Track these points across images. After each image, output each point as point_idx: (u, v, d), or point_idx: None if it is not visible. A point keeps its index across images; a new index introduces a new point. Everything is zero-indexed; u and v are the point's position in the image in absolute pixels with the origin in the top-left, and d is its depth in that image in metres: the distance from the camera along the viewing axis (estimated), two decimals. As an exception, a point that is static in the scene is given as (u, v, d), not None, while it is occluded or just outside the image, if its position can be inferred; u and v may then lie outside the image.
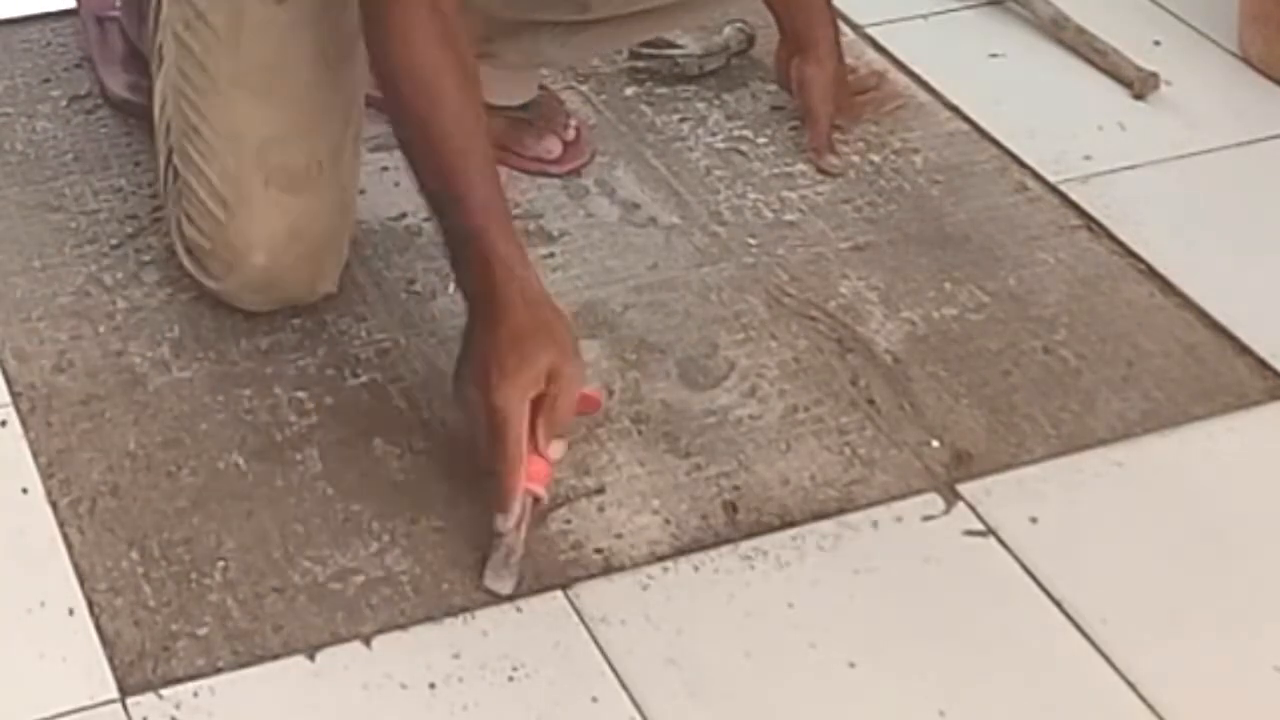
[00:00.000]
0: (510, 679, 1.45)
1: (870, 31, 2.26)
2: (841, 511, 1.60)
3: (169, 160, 1.78)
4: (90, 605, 1.49)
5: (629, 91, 2.14)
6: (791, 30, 2.03)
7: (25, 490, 1.60)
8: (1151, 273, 1.88)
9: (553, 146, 1.99)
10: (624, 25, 1.90)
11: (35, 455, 1.63)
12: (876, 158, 2.04)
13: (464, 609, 1.50)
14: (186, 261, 1.77)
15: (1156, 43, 2.26)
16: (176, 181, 1.77)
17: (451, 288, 1.83)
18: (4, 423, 1.66)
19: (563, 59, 2.04)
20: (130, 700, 1.42)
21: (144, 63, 2.01)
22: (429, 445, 1.65)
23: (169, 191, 1.80)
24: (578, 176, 2.00)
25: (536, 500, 1.53)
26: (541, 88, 2.05)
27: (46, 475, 1.61)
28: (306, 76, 1.70)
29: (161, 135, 1.80)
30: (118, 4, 2.08)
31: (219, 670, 1.45)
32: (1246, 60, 2.23)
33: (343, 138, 1.74)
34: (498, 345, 1.52)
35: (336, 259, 1.77)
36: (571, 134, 2.01)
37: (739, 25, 2.19)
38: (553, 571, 1.54)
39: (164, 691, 1.43)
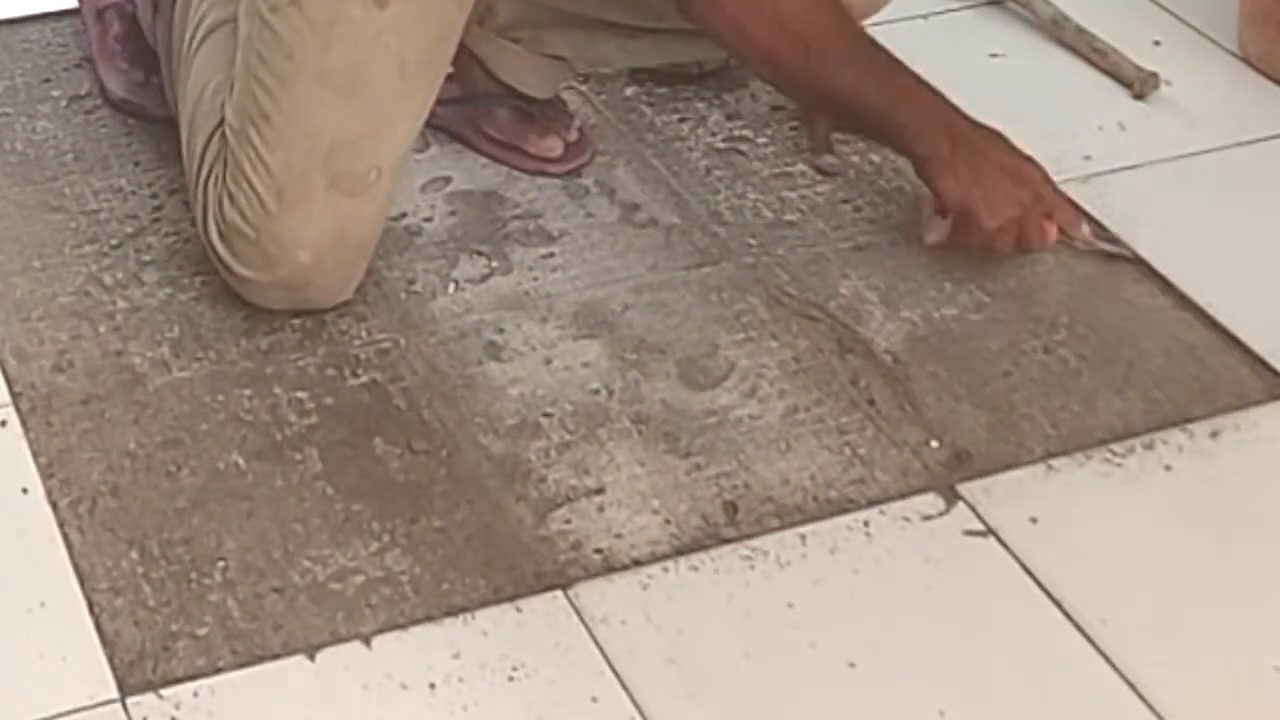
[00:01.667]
0: (510, 679, 1.45)
1: (870, 31, 2.25)
2: (841, 511, 1.60)
3: (210, 138, 1.75)
4: (90, 605, 1.49)
5: (629, 91, 2.14)
6: None
7: (25, 490, 1.60)
8: (1151, 273, 1.88)
9: (555, 146, 1.99)
10: (691, 39, 1.89)
11: (35, 455, 1.63)
12: (876, 158, 2.04)
13: (464, 609, 1.50)
14: (219, 246, 1.74)
15: (1156, 43, 2.26)
16: (218, 159, 1.73)
17: (451, 288, 1.83)
18: (4, 423, 1.66)
19: (617, 61, 2.03)
20: (130, 700, 1.42)
21: (145, 60, 2.02)
22: (429, 445, 1.65)
23: (202, 174, 1.76)
24: (578, 176, 2.00)
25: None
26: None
27: (46, 475, 1.61)
28: (388, 83, 1.68)
29: (195, 116, 1.77)
30: None
31: (219, 670, 1.45)
32: (1246, 60, 2.23)
33: (406, 148, 1.74)
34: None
35: (363, 267, 1.78)
36: (574, 135, 2.01)
37: (739, 25, 2.19)
38: (553, 571, 1.54)
39: (164, 691, 1.43)
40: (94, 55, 2.09)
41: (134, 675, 1.44)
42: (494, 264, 1.87)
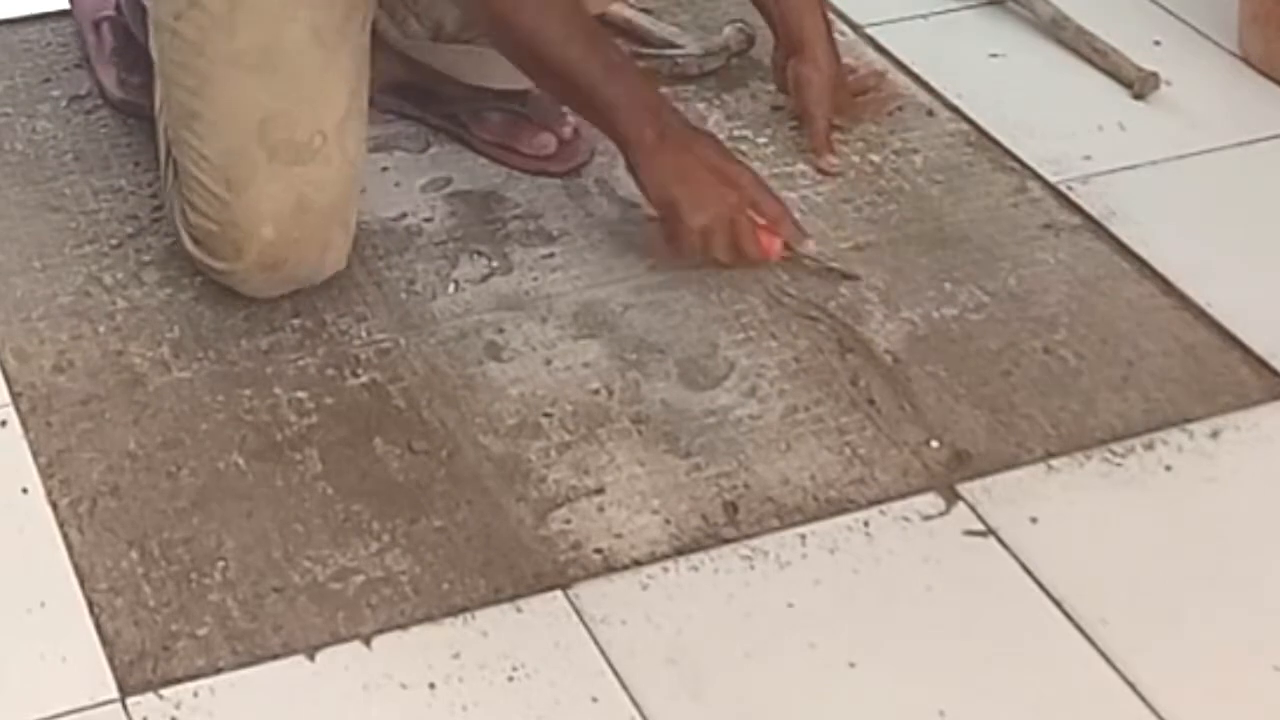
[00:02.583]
0: (510, 679, 1.45)
1: (870, 31, 2.26)
2: (841, 511, 1.60)
3: (169, 154, 1.78)
4: (90, 605, 1.49)
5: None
6: (785, 32, 2.03)
7: (25, 490, 1.60)
8: (1151, 273, 1.88)
9: (547, 142, 1.99)
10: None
11: (35, 455, 1.63)
12: (876, 158, 2.04)
13: (464, 609, 1.50)
14: (195, 250, 1.77)
15: (1156, 43, 2.26)
16: (177, 175, 1.77)
17: (451, 288, 1.83)
18: (4, 423, 1.66)
19: None
20: (130, 700, 1.42)
21: (143, 66, 2.02)
22: (429, 445, 1.65)
23: (170, 187, 1.80)
24: (578, 176, 2.00)
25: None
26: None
27: (46, 475, 1.61)
28: (304, 55, 1.71)
29: (161, 132, 1.80)
30: (113, 4, 2.08)
31: (219, 670, 1.45)
32: (1246, 60, 2.23)
33: (347, 110, 1.74)
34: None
35: (344, 232, 1.78)
36: (568, 132, 2.01)
37: (739, 25, 2.19)
38: (553, 571, 1.54)
39: (164, 691, 1.43)
40: (91, 59, 2.09)
41: (134, 675, 1.44)
42: (494, 264, 1.87)
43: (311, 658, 1.46)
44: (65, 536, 1.55)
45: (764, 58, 2.19)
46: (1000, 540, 1.58)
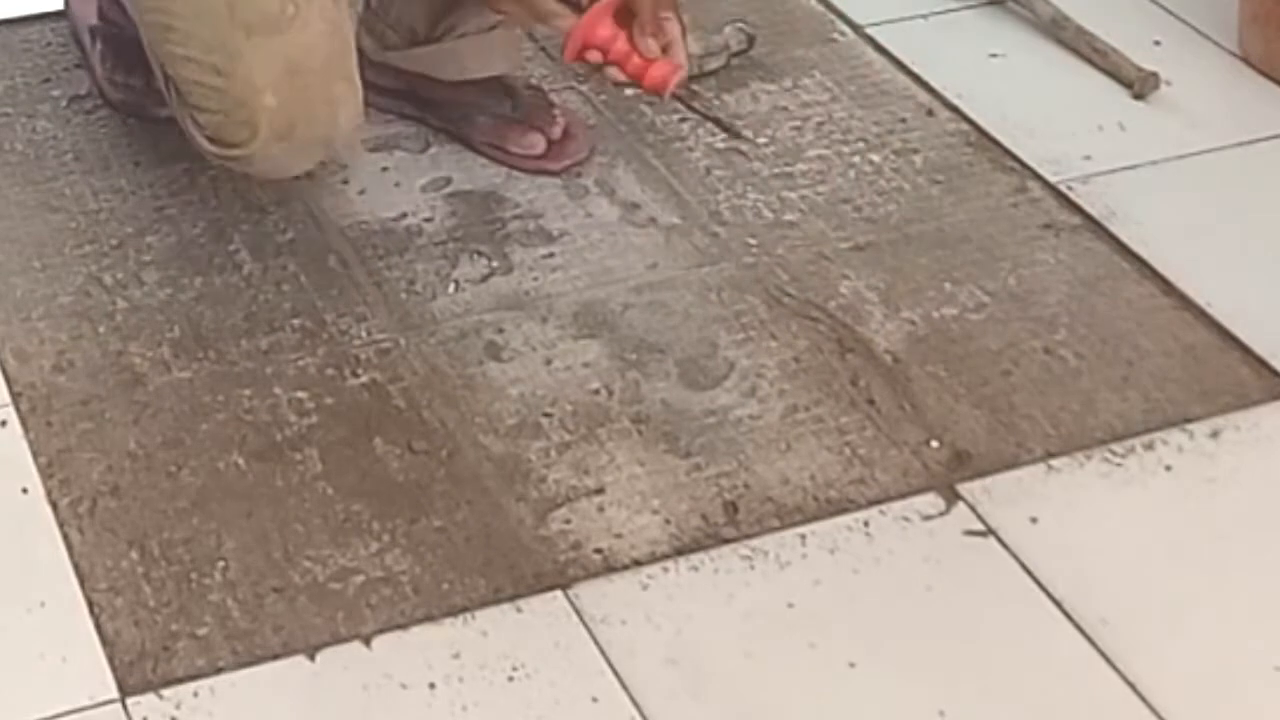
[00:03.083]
0: (510, 679, 1.45)
1: (870, 31, 2.26)
2: (841, 511, 1.60)
3: (168, 80, 1.77)
4: (90, 605, 1.49)
5: (629, 91, 2.14)
6: None
7: (25, 490, 1.60)
8: (1151, 273, 1.88)
9: (535, 142, 1.99)
10: None
11: (35, 455, 1.63)
12: (876, 158, 2.04)
13: (464, 609, 1.50)
14: (215, 150, 1.75)
15: (1156, 43, 2.26)
16: (179, 92, 1.76)
17: (451, 288, 1.83)
18: (4, 423, 1.66)
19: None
20: (130, 700, 1.42)
21: (140, 68, 2.02)
22: (429, 445, 1.65)
23: (178, 111, 1.78)
24: (578, 176, 2.00)
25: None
26: (531, 87, 2.05)
27: (46, 475, 1.61)
28: None
29: (158, 68, 1.80)
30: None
31: (219, 670, 1.45)
32: (1246, 60, 2.23)
33: None
34: None
35: (349, 86, 1.76)
36: (558, 131, 2.01)
37: (739, 25, 2.19)
38: (553, 571, 1.54)
39: (164, 691, 1.43)
40: (91, 63, 2.09)
41: (134, 675, 1.44)
42: (494, 264, 1.87)
43: (311, 658, 1.46)
44: (65, 536, 1.55)
45: (764, 58, 2.19)
46: (1000, 540, 1.58)
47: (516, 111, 2.00)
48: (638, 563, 1.55)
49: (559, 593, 1.52)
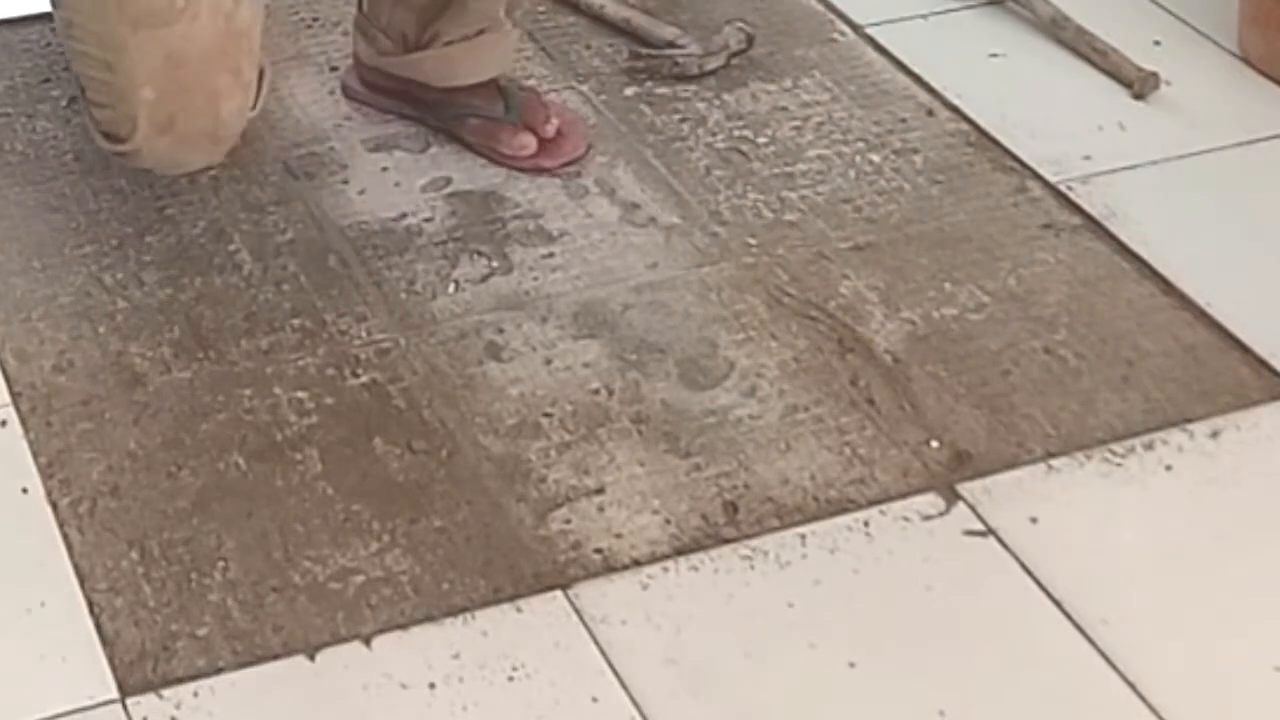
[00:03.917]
0: (510, 679, 1.45)
1: (870, 31, 2.26)
2: (841, 511, 1.60)
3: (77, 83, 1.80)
4: (90, 605, 1.49)
5: (629, 91, 2.14)
6: None
7: (25, 490, 1.60)
8: (1151, 273, 1.88)
9: (526, 143, 1.99)
10: None
11: (35, 455, 1.63)
12: (876, 158, 2.04)
13: (464, 609, 1.50)
14: (106, 145, 1.78)
15: (1156, 43, 2.26)
16: (81, 94, 1.78)
17: (451, 288, 1.83)
18: (4, 423, 1.66)
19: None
20: (130, 700, 1.42)
21: None
22: (429, 445, 1.65)
23: (82, 107, 1.81)
24: (578, 176, 2.00)
25: None
26: (525, 88, 2.05)
27: (46, 475, 1.61)
28: None
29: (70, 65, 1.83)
30: None
31: (219, 670, 1.45)
32: (1246, 60, 2.23)
33: None
34: None
35: (234, 78, 1.75)
36: (551, 130, 2.01)
37: (739, 25, 2.19)
38: (553, 571, 1.54)
39: (164, 691, 1.43)
40: None
41: (134, 675, 1.44)
42: (494, 264, 1.87)
43: (311, 658, 1.46)
44: (65, 536, 1.55)
45: (764, 58, 2.19)
46: (1000, 540, 1.58)
47: (509, 113, 2.00)
48: (638, 563, 1.55)
49: (559, 593, 1.52)
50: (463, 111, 2.01)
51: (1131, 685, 1.45)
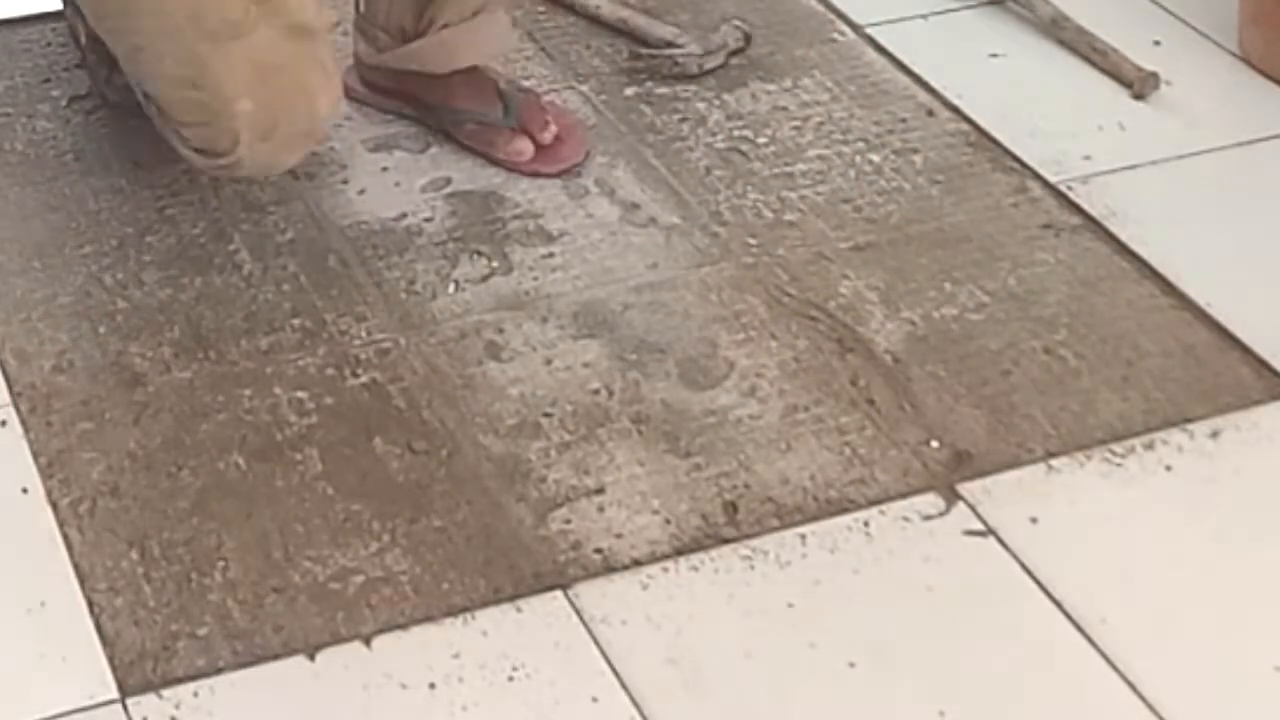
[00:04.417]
0: (510, 679, 1.45)
1: (870, 31, 2.26)
2: (841, 511, 1.60)
3: (149, 101, 1.79)
4: (90, 605, 1.49)
5: (629, 91, 2.14)
6: None
7: (25, 490, 1.60)
8: (1151, 273, 1.88)
9: (523, 149, 1.99)
10: None
11: (35, 455, 1.63)
12: (876, 158, 2.04)
13: (464, 609, 1.50)
14: (204, 162, 1.77)
15: (1156, 43, 2.26)
16: (160, 110, 1.77)
17: (451, 288, 1.83)
18: (4, 423, 1.66)
19: None
20: (130, 700, 1.42)
21: None
22: (429, 445, 1.65)
23: (163, 128, 1.80)
24: (578, 176, 2.00)
25: None
26: (524, 90, 2.05)
27: (46, 475, 1.61)
28: None
29: (137, 89, 1.81)
30: None
31: (219, 670, 1.45)
32: (1246, 60, 2.23)
33: None
34: None
35: (324, 75, 1.76)
36: (549, 136, 2.00)
37: (736, 23, 2.19)
38: (553, 571, 1.54)
39: (164, 691, 1.43)
40: (89, 66, 2.09)
41: (134, 675, 1.44)
42: (494, 264, 1.87)
43: (311, 658, 1.46)
44: (65, 536, 1.55)
45: (763, 58, 2.19)
46: (1000, 540, 1.58)
47: (507, 117, 2.00)
48: (638, 563, 1.55)
49: (559, 593, 1.52)
50: (461, 117, 2.01)
51: (1131, 685, 1.45)
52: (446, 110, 2.02)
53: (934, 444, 1.67)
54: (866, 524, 1.59)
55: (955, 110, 2.12)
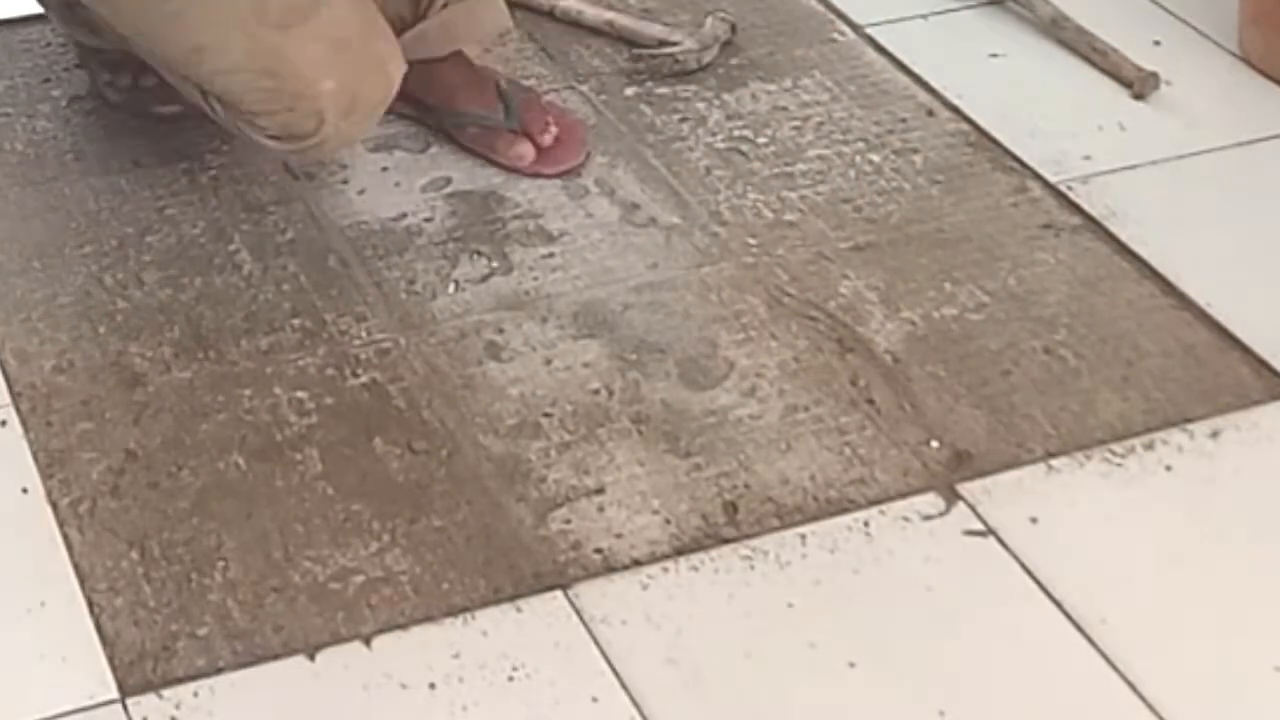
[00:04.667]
0: (510, 679, 1.45)
1: (870, 31, 2.26)
2: (841, 511, 1.60)
3: (207, 99, 1.79)
4: (90, 605, 1.49)
5: (629, 91, 2.14)
6: None
7: (25, 490, 1.60)
8: (1151, 273, 1.88)
9: (524, 153, 1.99)
10: None
11: (35, 455, 1.63)
12: (876, 158, 2.04)
13: (464, 609, 1.50)
14: (287, 147, 1.79)
15: (1156, 43, 2.26)
16: (226, 106, 1.78)
17: (451, 288, 1.83)
18: (4, 423, 1.66)
19: None
20: (130, 700, 1.42)
21: (131, 65, 2.02)
22: (429, 445, 1.65)
23: (227, 123, 1.81)
24: (578, 176, 2.00)
25: None
26: (526, 90, 2.05)
27: (46, 475, 1.61)
28: None
29: (191, 91, 1.81)
30: None
31: (219, 670, 1.45)
32: (1246, 60, 2.23)
33: None
34: None
35: (388, 41, 1.80)
36: (549, 139, 2.00)
37: (720, 15, 2.20)
38: (553, 571, 1.54)
39: (164, 691, 1.43)
40: (89, 66, 2.09)
41: (134, 675, 1.44)
42: (494, 264, 1.87)
43: (311, 658, 1.46)
44: (65, 536, 1.55)
45: (764, 58, 2.19)
46: (1000, 540, 1.58)
47: (509, 119, 2.00)
48: (638, 563, 1.55)
49: (559, 593, 1.52)
50: (462, 120, 2.01)
51: (1131, 685, 1.45)
52: (447, 112, 2.02)
53: (934, 444, 1.67)
54: (866, 524, 1.59)
55: (955, 110, 2.12)
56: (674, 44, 2.17)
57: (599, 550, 1.56)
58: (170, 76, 1.84)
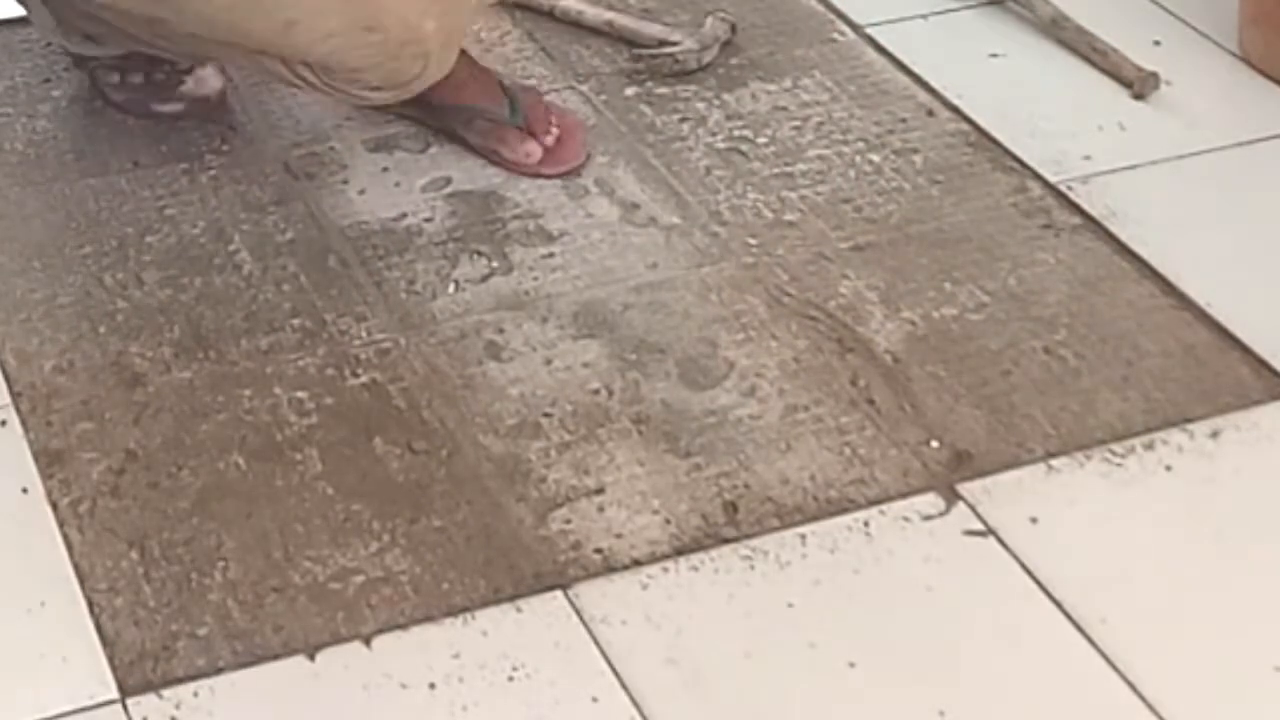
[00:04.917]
0: (510, 679, 1.45)
1: (870, 31, 2.26)
2: (841, 511, 1.60)
3: (300, 76, 1.82)
4: (90, 605, 1.49)
5: (629, 91, 2.14)
6: None
7: (25, 490, 1.60)
8: (1151, 273, 1.88)
9: (532, 151, 1.99)
10: None
11: (35, 455, 1.63)
12: (876, 158, 2.04)
13: (464, 609, 1.50)
14: (389, 96, 1.84)
15: (1156, 43, 2.26)
16: (327, 72, 1.80)
17: (451, 288, 1.83)
18: (4, 423, 1.66)
19: None
20: (130, 700, 1.42)
21: (137, 63, 2.01)
22: (429, 445, 1.65)
23: (326, 90, 1.84)
24: (577, 176, 2.00)
25: None
26: (528, 89, 2.05)
27: (46, 475, 1.61)
28: None
29: (282, 73, 1.83)
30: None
31: (219, 670, 1.45)
32: (1246, 60, 2.23)
33: None
34: None
35: None
36: (552, 139, 2.00)
37: (720, 15, 2.20)
38: (553, 571, 1.54)
39: (164, 691, 1.43)
40: (89, 68, 2.09)
41: (134, 675, 1.44)
42: (494, 264, 1.87)
43: (311, 658, 1.46)
44: (65, 536, 1.55)
45: (764, 58, 2.19)
46: (1000, 540, 1.58)
47: (514, 115, 2.00)
48: (638, 563, 1.55)
49: (559, 593, 1.52)
50: (469, 114, 2.01)
51: (1131, 685, 1.45)
52: (452, 108, 2.01)
53: (934, 444, 1.67)
54: (866, 524, 1.59)
55: (955, 110, 2.12)
56: (674, 44, 2.17)
57: (599, 550, 1.56)
58: (240, 59, 1.85)
